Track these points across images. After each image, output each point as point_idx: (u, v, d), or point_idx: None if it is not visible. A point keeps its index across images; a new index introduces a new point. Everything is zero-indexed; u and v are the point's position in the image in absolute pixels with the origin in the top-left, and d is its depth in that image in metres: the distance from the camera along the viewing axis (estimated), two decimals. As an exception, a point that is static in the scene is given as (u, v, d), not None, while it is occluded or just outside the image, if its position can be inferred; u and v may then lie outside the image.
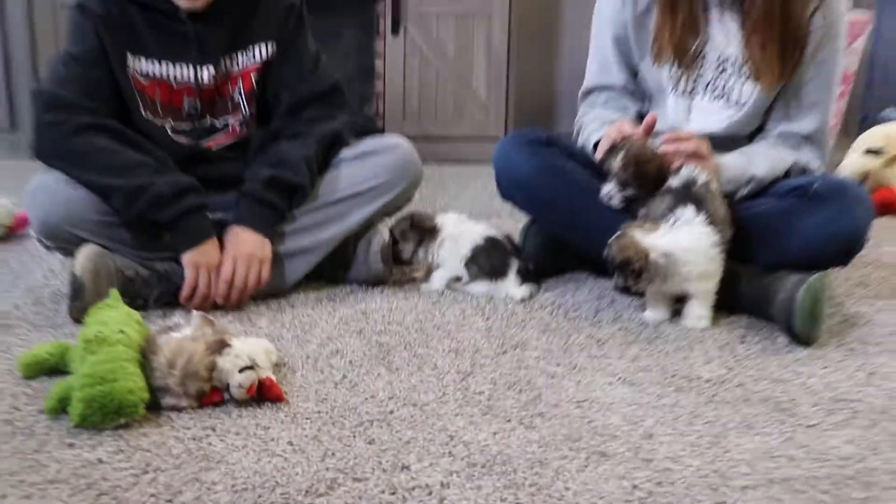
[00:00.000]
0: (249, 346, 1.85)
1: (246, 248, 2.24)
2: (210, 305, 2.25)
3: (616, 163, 2.30)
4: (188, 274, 2.23)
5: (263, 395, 1.81)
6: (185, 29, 2.31)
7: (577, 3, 4.54)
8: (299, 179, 2.33)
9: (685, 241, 2.17)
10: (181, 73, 2.34)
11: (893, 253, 2.88)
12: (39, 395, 1.81)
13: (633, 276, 2.16)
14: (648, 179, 2.29)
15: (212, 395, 1.80)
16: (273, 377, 1.85)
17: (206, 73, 2.35)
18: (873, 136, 3.47)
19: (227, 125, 2.44)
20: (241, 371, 1.79)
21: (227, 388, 1.80)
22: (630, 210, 2.35)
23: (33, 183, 2.27)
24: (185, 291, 2.24)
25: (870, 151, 3.44)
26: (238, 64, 2.40)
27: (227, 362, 1.80)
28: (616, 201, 2.35)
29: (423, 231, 2.49)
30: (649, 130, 2.37)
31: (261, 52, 2.41)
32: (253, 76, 2.42)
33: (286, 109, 2.44)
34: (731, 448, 1.69)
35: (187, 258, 2.23)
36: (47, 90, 2.24)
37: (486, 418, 1.78)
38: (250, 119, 2.46)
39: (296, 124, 2.41)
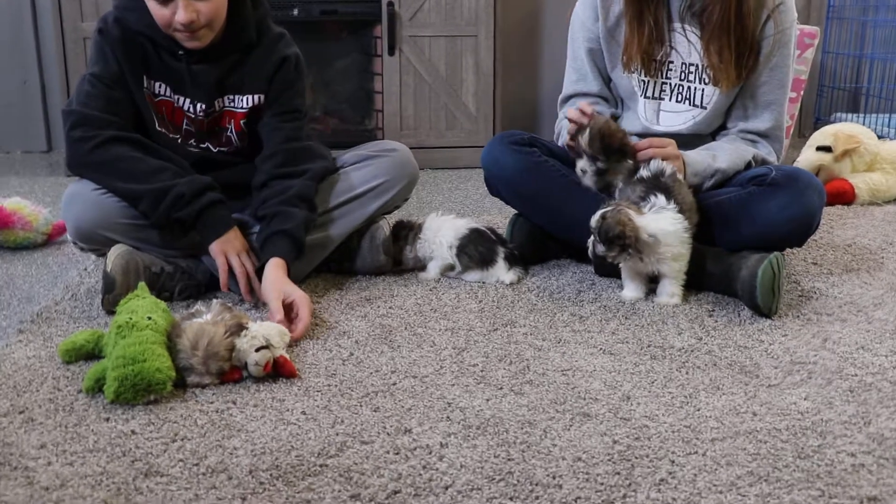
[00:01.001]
0: (265, 329, 1.86)
1: (299, 290, 2.14)
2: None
3: (584, 140, 2.31)
4: (219, 261, 2.21)
5: (278, 371, 1.82)
6: (182, 69, 2.29)
7: (555, 23, 4.55)
8: (316, 216, 2.34)
9: (665, 225, 2.18)
10: (180, 101, 2.33)
11: (844, 236, 2.89)
12: (77, 377, 1.82)
13: (620, 248, 2.16)
14: (613, 150, 2.31)
15: (232, 373, 1.81)
16: (287, 356, 1.85)
17: (199, 109, 2.33)
18: (824, 135, 3.47)
19: (221, 151, 2.41)
20: (257, 350, 1.80)
21: (245, 366, 1.81)
22: (602, 186, 2.37)
23: (67, 191, 2.28)
24: (221, 278, 2.21)
25: (821, 148, 3.45)
26: (229, 106, 2.36)
27: (244, 343, 1.81)
28: (589, 175, 2.35)
29: (409, 230, 2.50)
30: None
31: (249, 101, 2.36)
32: (242, 121, 2.37)
33: (267, 153, 2.37)
34: (701, 406, 1.69)
35: (215, 247, 2.21)
36: (75, 110, 2.23)
37: (479, 387, 1.79)
38: (242, 148, 2.42)
39: (282, 167, 2.34)
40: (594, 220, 2.19)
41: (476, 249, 2.41)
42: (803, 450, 1.53)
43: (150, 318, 1.81)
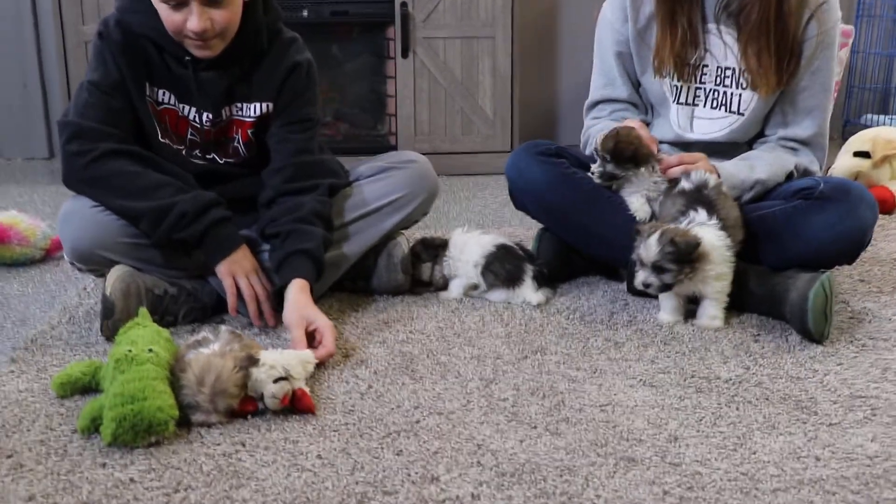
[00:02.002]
0: (285, 358, 1.72)
1: (323, 316, 2.00)
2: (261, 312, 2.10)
3: (599, 139, 2.25)
4: (226, 283, 2.07)
5: (295, 405, 1.69)
6: (188, 76, 2.14)
7: (575, 23, 4.42)
8: (332, 235, 2.21)
9: (710, 240, 2.03)
10: (185, 110, 2.18)
11: (889, 249, 2.73)
12: (73, 414, 1.68)
13: (688, 263, 2.00)
14: (623, 158, 2.23)
15: (246, 405, 1.68)
16: (306, 388, 1.72)
17: (206, 118, 2.18)
18: (861, 140, 3.34)
19: (228, 162, 2.26)
20: (275, 381, 1.67)
21: (262, 397, 1.68)
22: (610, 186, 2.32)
23: (63, 209, 2.14)
24: (230, 301, 2.08)
25: (858, 154, 3.30)
26: (236, 115, 2.22)
27: (262, 373, 1.67)
28: (596, 176, 2.29)
29: (436, 248, 2.35)
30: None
31: (257, 109, 2.21)
32: (249, 130, 2.23)
33: (275, 166, 2.22)
34: (757, 449, 1.54)
35: (222, 268, 2.08)
36: (71, 121, 2.09)
37: (511, 425, 1.64)
38: (250, 159, 2.27)
39: (292, 181, 2.20)
40: (652, 247, 2.00)
41: (503, 267, 2.26)
42: (878, 504, 1.37)
43: (151, 351, 1.67)
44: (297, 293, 2.02)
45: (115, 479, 1.45)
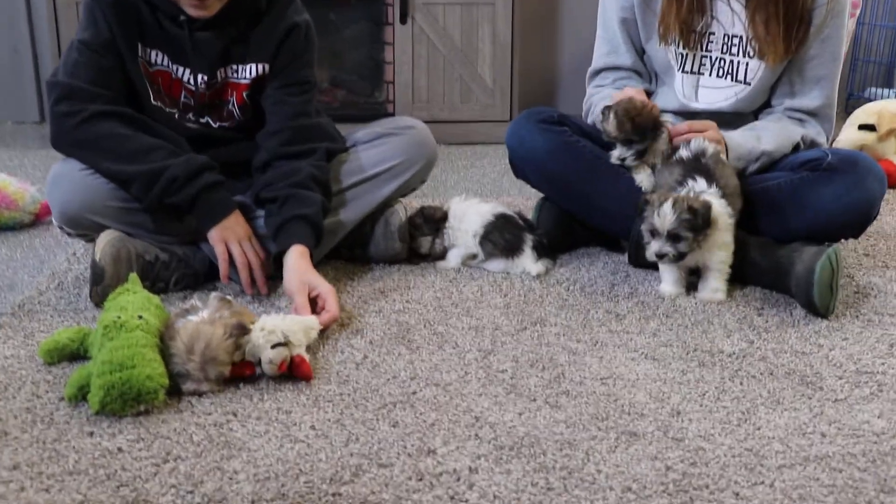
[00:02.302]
0: (287, 323, 1.69)
1: (325, 281, 1.97)
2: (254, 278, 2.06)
3: (610, 125, 2.16)
4: (218, 250, 2.03)
5: (293, 372, 1.66)
6: (183, 36, 2.08)
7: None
8: (330, 202, 2.17)
9: (714, 208, 1.98)
10: (179, 72, 2.13)
11: (895, 224, 2.69)
12: (60, 381, 1.64)
13: (701, 226, 1.96)
14: (646, 130, 2.17)
15: (243, 369, 1.65)
16: (305, 355, 1.68)
17: (200, 80, 2.13)
18: (867, 112, 3.29)
19: (222, 126, 2.21)
20: (273, 347, 1.63)
21: (259, 362, 1.65)
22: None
23: (52, 172, 2.09)
24: (221, 268, 2.03)
25: (863, 127, 3.26)
26: (231, 77, 2.16)
27: (260, 338, 1.64)
28: (629, 160, 2.21)
29: (437, 221, 2.30)
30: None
31: (252, 70, 2.15)
32: (245, 92, 2.17)
33: (271, 129, 2.17)
34: (761, 425, 1.51)
35: (214, 234, 2.03)
36: (60, 81, 2.04)
37: (510, 398, 1.60)
38: (245, 122, 2.22)
39: (288, 145, 2.15)
40: (667, 215, 1.95)
41: (502, 237, 2.22)
42: (886, 482, 1.34)
43: (140, 318, 1.63)
44: (297, 259, 1.98)
45: (102, 449, 1.41)
